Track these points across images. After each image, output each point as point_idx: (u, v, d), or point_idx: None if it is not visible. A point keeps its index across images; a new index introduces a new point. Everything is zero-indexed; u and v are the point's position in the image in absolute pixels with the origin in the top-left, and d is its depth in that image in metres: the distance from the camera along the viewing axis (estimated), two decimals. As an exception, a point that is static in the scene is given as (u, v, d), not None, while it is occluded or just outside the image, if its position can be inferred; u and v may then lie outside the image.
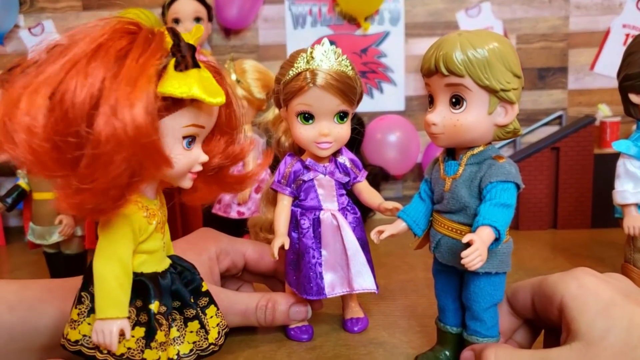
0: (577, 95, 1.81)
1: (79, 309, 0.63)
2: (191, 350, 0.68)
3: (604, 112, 1.71)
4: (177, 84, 0.57)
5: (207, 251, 0.95)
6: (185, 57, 0.58)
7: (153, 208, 0.65)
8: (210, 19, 1.67)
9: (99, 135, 0.52)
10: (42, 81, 0.53)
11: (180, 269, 0.71)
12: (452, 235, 0.73)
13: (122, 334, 0.59)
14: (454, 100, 0.69)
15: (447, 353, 0.80)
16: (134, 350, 0.61)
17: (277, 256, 0.86)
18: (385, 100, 1.83)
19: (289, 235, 0.90)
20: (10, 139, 0.53)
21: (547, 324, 0.72)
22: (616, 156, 1.07)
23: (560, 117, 1.80)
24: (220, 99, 0.59)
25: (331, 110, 0.85)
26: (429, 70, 0.70)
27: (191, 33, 0.62)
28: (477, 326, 0.74)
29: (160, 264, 0.67)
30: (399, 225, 0.79)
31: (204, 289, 0.72)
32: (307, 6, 1.80)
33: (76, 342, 0.63)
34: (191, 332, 0.69)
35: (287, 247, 0.87)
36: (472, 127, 0.69)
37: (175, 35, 0.59)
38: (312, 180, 0.91)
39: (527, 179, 1.57)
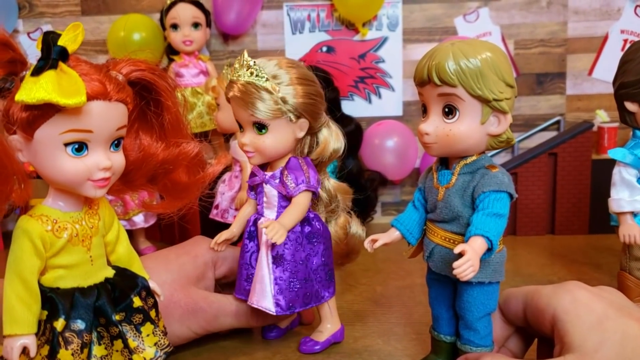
0: (576, 100, 1.81)
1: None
2: None
3: (602, 117, 1.71)
4: (29, 89, 0.55)
5: (202, 256, 0.96)
6: (42, 59, 0.56)
7: (65, 221, 0.63)
8: (208, 24, 1.67)
9: None
10: None
11: (114, 282, 0.68)
12: (445, 244, 0.73)
13: (27, 352, 0.59)
14: (446, 110, 0.70)
15: (441, 362, 0.80)
16: None
17: (216, 247, 0.98)
18: (383, 105, 1.83)
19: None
20: None
21: (539, 333, 0.72)
22: (614, 162, 1.06)
23: (558, 122, 1.80)
24: (77, 99, 0.55)
25: (247, 120, 0.83)
26: (422, 80, 0.70)
27: (65, 32, 0.60)
28: (471, 335, 0.74)
29: (86, 279, 0.65)
30: (393, 234, 0.79)
31: (135, 305, 0.67)
32: (306, 11, 1.80)
33: (0, 358, 0.62)
34: (117, 351, 0.66)
35: (227, 240, 0.98)
36: (464, 136, 0.69)
37: (46, 40, 0.57)
38: (261, 186, 0.90)
39: (524, 185, 1.58)
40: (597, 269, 1.30)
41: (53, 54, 0.56)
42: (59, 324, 0.61)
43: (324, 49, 1.82)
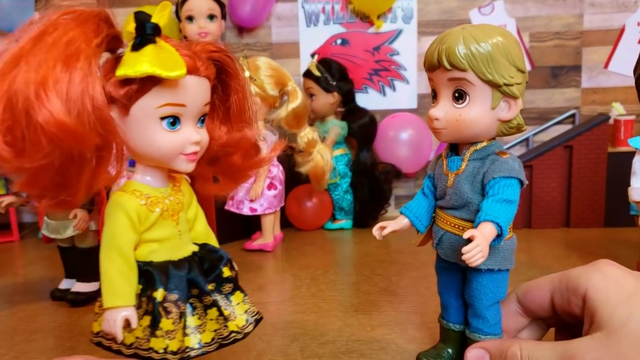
0: (591, 93, 1.80)
1: (99, 301, 0.65)
2: (213, 339, 0.67)
3: (618, 110, 1.70)
4: (131, 64, 0.56)
5: None
6: (139, 36, 0.57)
7: (155, 196, 0.64)
8: (223, 16, 1.67)
9: (28, 121, 0.52)
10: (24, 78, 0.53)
11: (203, 254, 0.70)
12: (455, 231, 0.73)
13: (128, 324, 0.60)
14: (456, 94, 0.69)
15: (450, 351, 0.80)
16: (141, 339, 0.62)
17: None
18: (397, 98, 1.83)
19: None
20: None
21: (562, 320, 0.71)
22: (630, 155, 1.06)
23: (573, 115, 1.79)
24: (178, 71, 0.57)
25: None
26: (432, 65, 0.69)
27: (157, 10, 0.61)
28: (480, 324, 0.74)
29: (176, 252, 0.67)
30: (401, 222, 0.78)
31: (225, 275, 0.69)
32: (320, 4, 1.80)
33: (97, 333, 0.66)
34: (211, 319, 0.67)
35: None
36: (475, 122, 0.69)
37: (138, 18, 0.58)
38: None
39: (539, 178, 1.58)
40: (614, 260, 1.29)
41: (148, 30, 0.57)
42: (159, 294, 0.62)
43: (339, 41, 1.82)
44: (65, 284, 1.18)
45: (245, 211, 1.46)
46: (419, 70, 1.80)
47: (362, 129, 1.70)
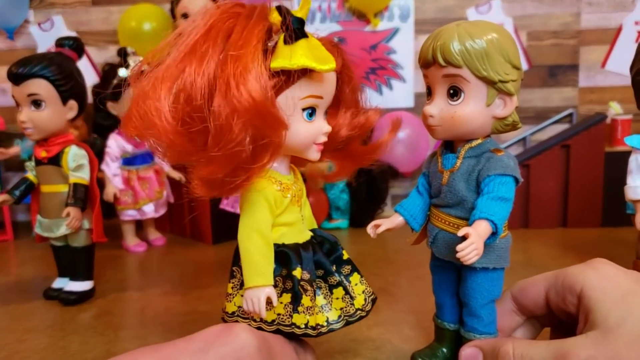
0: (588, 93, 1.80)
1: (232, 282, 0.69)
2: (339, 317, 0.69)
3: (616, 109, 1.69)
4: (287, 56, 0.60)
5: None
6: (292, 30, 0.60)
7: (286, 182, 0.68)
8: (219, 14, 1.66)
9: (219, 110, 0.57)
10: (164, 72, 0.59)
11: (321, 239, 0.73)
12: (450, 229, 0.72)
13: (269, 302, 0.64)
14: (451, 91, 0.68)
15: (445, 350, 0.79)
16: (283, 315, 0.66)
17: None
18: (394, 96, 1.83)
19: None
20: (146, 125, 0.59)
21: (558, 319, 0.71)
22: (627, 154, 1.05)
23: (570, 115, 1.79)
24: (330, 65, 0.61)
25: None
26: (427, 61, 0.69)
27: (300, 6, 0.63)
28: (475, 323, 0.73)
29: (301, 236, 0.70)
30: (396, 220, 0.78)
31: (345, 257, 0.73)
32: (317, 2, 1.79)
33: (232, 313, 0.69)
34: (337, 298, 0.70)
35: None
36: (469, 119, 0.68)
37: (282, 11, 0.61)
38: None
39: (537, 177, 1.57)
40: (611, 260, 1.29)
41: (295, 24, 0.60)
42: (298, 272, 0.66)
43: (335, 39, 1.80)
44: (58, 282, 1.17)
45: (241, 210, 1.45)
46: (416, 68, 1.79)
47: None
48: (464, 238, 0.63)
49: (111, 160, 1.47)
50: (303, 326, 0.66)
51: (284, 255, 0.67)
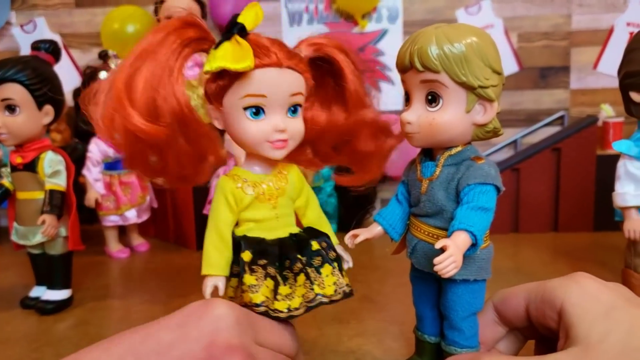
0: (580, 95, 1.78)
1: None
2: (300, 304, 0.70)
3: (607, 112, 1.67)
4: (211, 60, 0.63)
5: None
6: (225, 33, 0.63)
7: (253, 180, 0.71)
8: (203, 16, 1.64)
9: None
10: (118, 77, 0.63)
11: (298, 236, 0.74)
12: (429, 240, 0.69)
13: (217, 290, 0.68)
14: (429, 97, 0.66)
15: (425, 363, 0.77)
16: (235, 298, 0.70)
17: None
18: (383, 99, 1.80)
19: None
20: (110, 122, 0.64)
21: (540, 332, 0.69)
22: (619, 157, 1.03)
23: (562, 117, 1.77)
24: (245, 63, 0.62)
25: None
26: (404, 66, 0.66)
27: (244, 10, 0.65)
28: (456, 336, 0.70)
29: (271, 233, 0.72)
30: (375, 229, 0.76)
31: (314, 248, 0.73)
32: (303, 3, 1.77)
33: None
34: (299, 285, 0.71)
35: None
36: (448, 126, 0.65)
37: (229, 20, 0.64)
38: None
39: (527, 181, 1.55)
40: (601, 267, 1.27)
41: (234, 30, 0.63)
42: (246, 255, 0.68)
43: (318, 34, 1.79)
44: (35, 291, 1.15)
45: (225, 215, 1.42)
46: (405, 71, 1.77)
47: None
48: (442, 250, 0.61)
49: (93, 165, 1.45)
50: (250, 302, 0.67)
51: (238, 245, 0.70)
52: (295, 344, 0.72)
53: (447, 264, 0.60)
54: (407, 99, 0.69)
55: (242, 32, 0.64)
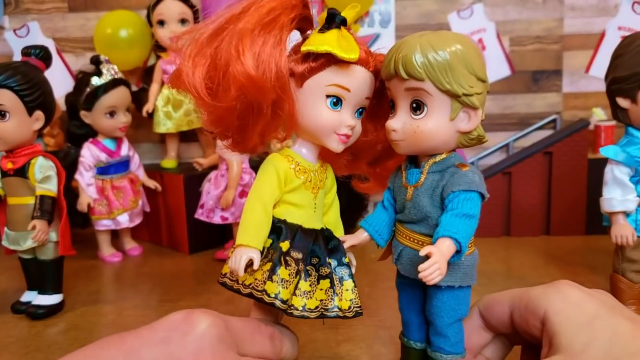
0: (572, 98, 1.78)
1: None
2: (316, 307, 0.71)
3: (599, 115, 1.68)
4: (316, 42, 0.66)
5: None
6: (329, 22, 0.67)
7: (304, 166, 0.72)
8: (196, 20, 1.64)
9: (230, 72, 0.64)
10: (204, 40, 0.67)
11: (330, 235, 0.76)
12: (414, 246, 0.70)
13: (250, 264, 0.67)
14: (414, 105, 0.66)
15: (411, 370, 0.77)
16: (258, 281, 0.68)
17: None
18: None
19: None
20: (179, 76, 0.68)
21: (525, 339, 0.69)
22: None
23: (554, 120, 1.77)
24: (353, 54, 0.66)
25: None
26: (389, 74, 0.66)
27: (348, 8, 0.70)
28: (441, 342, 0.71)
29: (308, 221, 0.73)
30: (361, 236, 0.76)
31: (345, 260, 0.75)
32: (297, 8, 1.77)
33: (224, 274, 0.72)
34: (321, 289, 0.71)
35: None
36: (433, 133, 0.66)
37: (330, 12, 0.68)
38: None
39: (519, 185, 1.56)
40: (592, 270, 1.27)
41: (336, 20, 0.67)
42: (285, 245, 0.69)
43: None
44: (27, 296, 1.15)
45: (216, 220, 1.43)
46: (398, 75, 1.77)
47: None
48: (427, 257, 0.61)
49: (85, 170, 1.45)
50: (273, 295, 0.67)
51: (278, 229, 0.71)
52: (276, 346, 0.72)
53: (432, 271, 0.60)
54: (393, 107, 0.69)
55: (344, 24, 0.68)
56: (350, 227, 1.61)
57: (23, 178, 1.09)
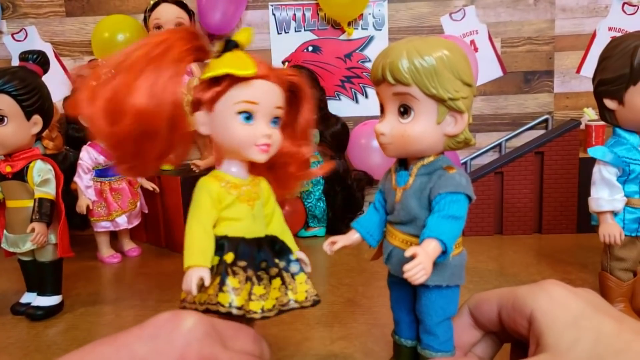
0: (564, 98, 1.80)
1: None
2: (273, 306, 0.74)
3: (590, 115, 1.70)
4: (213, 67, 0.71)
5: None
6: (223, 49, 0.72)
7: (234, 182, 0.76)
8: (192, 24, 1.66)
9: (126, 103, 0.67)
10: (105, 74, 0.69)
11: (273, 239, 0.80)
12: (403, 247, 0.71)
13: (202, 283, 0.69)
14: (402, 109, 0.67)
15: (402, 366, 0.78)
16: (211, 295, 0.71)
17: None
18: (369, 105, 1.83)
19: None
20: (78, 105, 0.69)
21: (513, 337, 0.70)
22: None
23: (546, 120, 1.79)
24: (250, 70, 0.69)
25: None
26: (377, 79, 0.68)
27: (238, 32, 0.75)
28: (430, 340, 0.72)
29: (249, 232, 0.76)
30: (352, 236, 0.77)
31: (294, 257, 0.79)
32: (291, 11, 1.79)
33: (183, 300, 0.76)
34: (274, 288, 0.75)
35: None
36: (420, 137, 0.67)
37: (225, 40, 0.73)
38: None
39: (510, 184, 1.57)
40: (583, 268, 1.29)
41: (230, 45, 0.72)
42: (229, 256, 0.72)
43: (310, 48, 1.81)
44: (26, 297, 1.17)
45: (213, 221, 1.44)
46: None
47: (334, 136, 1.70)
48: (412, 257, 0.62)
49: (83, 172, 1.47)
50: (227, 304, 0.70)
51: (221, 246, 0.73)
52: (259, 346, 0.73)
53: (417, 271, 0.61)
54: (382, 111, 0.71)
55: (237, 48, 0.73)
56: (346, 227, 1.65)
57: (22, 181, 1.10)
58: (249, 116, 0.72)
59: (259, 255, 0.76)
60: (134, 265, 1.50)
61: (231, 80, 0.71)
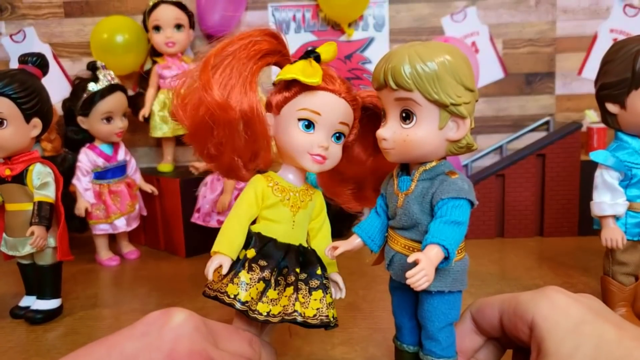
0: (565, 100, 1.80)
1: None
2: (279, 312, 0.75)
3: (591, 117, 1.69)
4: (284, 71, 0.75)
5: None
6: (303, 56, 0.76)
7: (284, 186, 0.79)
8: (191, 25, 1.66)
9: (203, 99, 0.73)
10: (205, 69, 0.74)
11: (304, 250, 0.81)
12: (405, 252, 0.71)
13: (220, 270, 0.73)
14: (404, 114, 0.67)
15: (404, 373, 0.78)
16: (223, 284, 0.74)
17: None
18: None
19: None
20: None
21: (515, 343, 0.70)
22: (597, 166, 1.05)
23: (547, 122, 1.78)
24: (316, 79, 0.72)
25: None
26: (379, 84, 0.68)
27: (324, 45, 0.78)
28: (432, 346, 0.72)
29: (284, 237, 0.79)
30: (354, 241, 0.77)
31: (318, 272, 0.80)
32: (291, 12, 1.78)
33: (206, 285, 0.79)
34: (285, 296, 0.76)
35: None
36: (422, 142, 0.67)
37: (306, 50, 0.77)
38: None
39: (512, 187, 1.57)
40: (585, 272, 1.29)
41: (310, 54, 0.76)
42: (251, 252, 0.76)
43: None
44: (25, 301, 1.16)
45: (213, 224, 1.44)
46: (392, 78, 1.79)
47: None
48: (415, 263, 0.62)
49: (82, 175, 1.46)
50: (232, 296, 0.73)
51: (249, 240, 0.77)
52: (255, 351, 0.74)
53: (419, 277, 0.61)
54: (384, 116, 0.71)
55: (317, 59, 0.76)
56: (346, 229, 1.64)
57: (21, 184, 1.10)
58: (309, 124, 0.75)
59: (283, 261, 0.77)
60: (133, 268, 1.49)
61: (300, 87, 0.74)
